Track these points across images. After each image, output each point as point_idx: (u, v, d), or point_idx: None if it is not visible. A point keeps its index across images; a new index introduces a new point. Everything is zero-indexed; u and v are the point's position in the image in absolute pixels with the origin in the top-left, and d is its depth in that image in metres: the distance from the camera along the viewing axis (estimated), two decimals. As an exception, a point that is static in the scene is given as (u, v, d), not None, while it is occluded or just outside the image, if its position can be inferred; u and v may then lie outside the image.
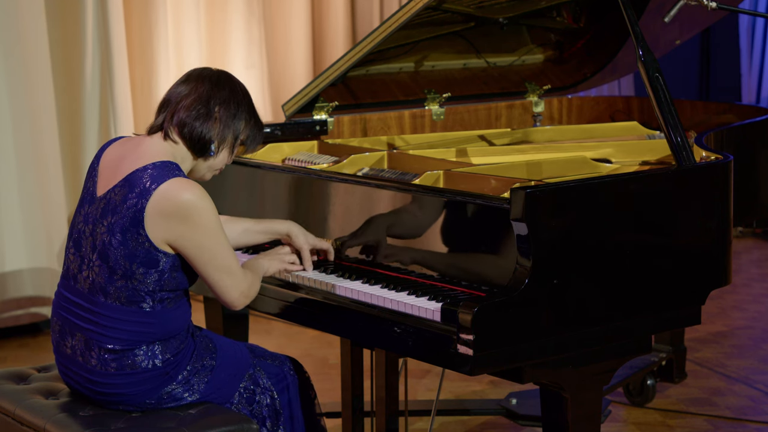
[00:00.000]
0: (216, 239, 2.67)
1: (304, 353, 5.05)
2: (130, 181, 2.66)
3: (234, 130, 2.78)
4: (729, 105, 4.48)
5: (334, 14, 6.68)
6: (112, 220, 2.66)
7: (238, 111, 2.78)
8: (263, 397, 2.87)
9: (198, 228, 2.64)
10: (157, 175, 2.64)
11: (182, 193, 2.62)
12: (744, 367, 4.81)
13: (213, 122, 2.74)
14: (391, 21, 3.54)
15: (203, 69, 2.82)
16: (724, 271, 2.96)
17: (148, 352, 2.70)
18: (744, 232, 7.36)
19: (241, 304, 2.77)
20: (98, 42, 5.41)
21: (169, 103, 2.76)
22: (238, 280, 2.74)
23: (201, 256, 2.67)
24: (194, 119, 2.72)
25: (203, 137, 2.74)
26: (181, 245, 2.66)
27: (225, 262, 2.70)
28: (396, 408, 3.30)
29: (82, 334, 2.72)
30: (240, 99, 2.79)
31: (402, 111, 4.08)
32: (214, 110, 2.74)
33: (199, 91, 2.74)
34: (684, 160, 2.94)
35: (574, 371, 2.73)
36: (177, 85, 2.79)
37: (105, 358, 2.69)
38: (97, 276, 2.69)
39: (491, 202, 2.72)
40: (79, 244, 2.75)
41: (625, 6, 3.03)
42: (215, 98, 2.74)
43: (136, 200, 2.63)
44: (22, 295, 5.34)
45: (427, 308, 2.63)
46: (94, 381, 2.72)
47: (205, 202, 2.64)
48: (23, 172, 5.23)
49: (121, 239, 2.64)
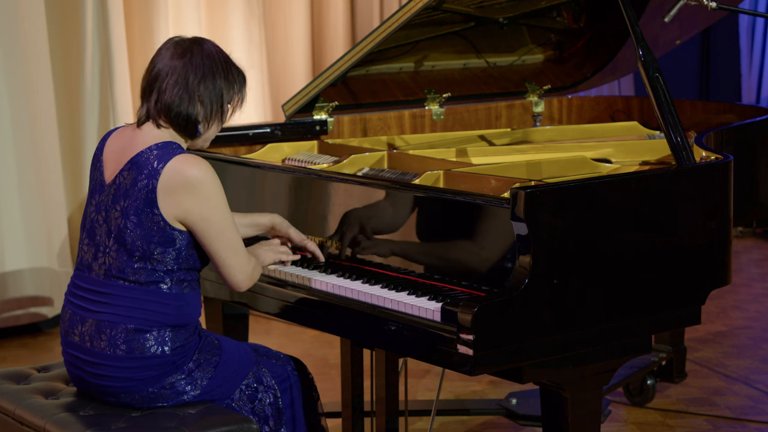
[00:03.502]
0: (223, 213, 2.71)
1: (304, 353, 5.05)
2: (137, 163, 2.70)
3: (218, 102, 2.78)
4: (729, 105, 4.48)
5: (334, 14, 6.68)
6: (125, 203, 2.70)
7: (216, 81, 2.76)
8: (266, 395, 2.88)
9: (205, 201, 2.68)
10: (162, 154, 2.69)
11: (189, 168, 2.67)
12: (744, 367, 4.81)
13: (196, 102, 2.75)
14: (391, 21, 3.54)
15: (174, 45, 2.78)
16: (724, 271, 2.96)
17: (159, 338, 2.72)
18: (744, 232, 7.36)
19: (245, 285, 2.80)
20: (98, 42, 5.41)
21: (149, 91, 2.76)
22: (243, 261, 2.77)
23: (209, 230, 2.70)
24: (177, 105, 2.74)
25: (190, 119, 2.76)
26: (190, 220, 2.70)
27: (232, 240, 2.74)
28: (396, 408, 3.30)
29: (94, 319, 2.73)
30: (216, 67, 2.77)
31: (402, 111, 4.09)
32: (194, 90, 2.74)
33: (176, 73, 2.73)
34: (684, 160, 2.94)
35: (574, 371, 2.73)
36: (152, 67, 2.77)
37: (115, 340, 2.70)
38: (115, 261, 2.72)
39: (491, 202, 2.72)
40: (93, 233, 2.77)
41: (625, 6, 3.03)
42: (192, 75, 2.73)
43: (147, 181, 2.67)
44: (22, 295, 5.34)
45: (427, 308, 2.64)
46: (101, 365, 2.73)
47: (211, 176, 2.70)
48: (23, 172, 5.23)
49: (136, 221, 2.68)
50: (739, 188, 3.19)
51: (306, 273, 2.98)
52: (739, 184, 3.09)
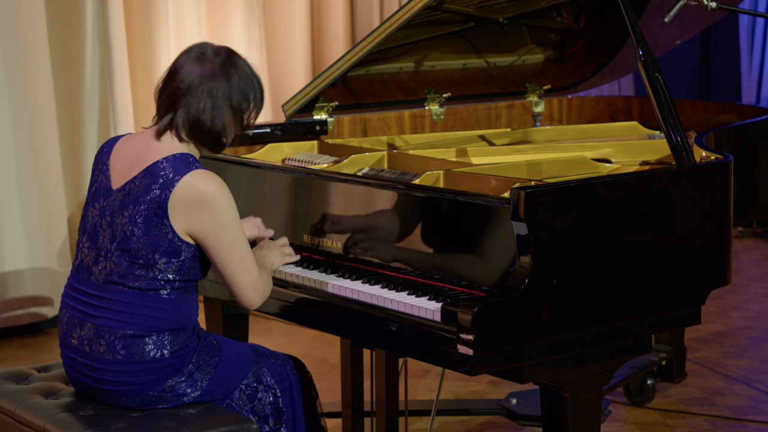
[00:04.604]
0: (234, 231, 2.70)
1: (304, 353, 5.05)
2: (152, 173, 2.69)
3: (241, 119, 2.78)
4: (729, 105, 4.48)
5: (334, 14, 6.68)
6: (134, 210, 2.69)
7: (244, 103, 2.76)
8: (266, 395, 2.88)
9: (217, 217, 2.67)
10: (178, 166, 2.68)
11: (204, 184, 2.67)
12: (744, 367, 4.81)
13: (223, 120, 2.74)
14: (391, 21, 3.54)
15: (202, 58, 2.75)
16: (724, 271, 2.96)
17: (158, 342, 2.71)
18: (744, 232, 7.36)
19: (256, 303, 2.78)
20: (98, 42, 5.41)
21: (176, 103, 2.72)
22: (254, 278, 2.75)
23: (220, 247, 2.70)
24: (210, 124, 2.72)
25: (219, 136, 2.75)
26: (201, 236, 2.69)
27: (243, 257, 2.72)
28: (396, 408, 3.30)
29: (93, 323, 2.73)
30: (247, 88, 2.76)
31: (402, 111, 4.08)
32: (223, 108, 2.73)
33: (207, 91, 2.71)
34: (684, 160, 2.94)
35: (574, 371, 2.73)
36: (179, 78, 2.73)
37: (114, 345, 2.70)
38: (116, 266, 2.71)
39: (491, 202, 2.72)
40: (95, 236, 2.76)
41: (625, 6, 3.03)
42: (222, 94, 2.72)
43: (160, 191, 2.67)
44: (22, 295, 5.34)
45: (427, 308, 2.64)
46: (101, 369, 2.73)
47: (225, 193, 2.69)
48: (23, 172, 5.23)
49: (144, 229, 2.68)
50: (739, 188, 3.19)
51: (306, 273, 2.98)
52: (739, 184, 3.09)
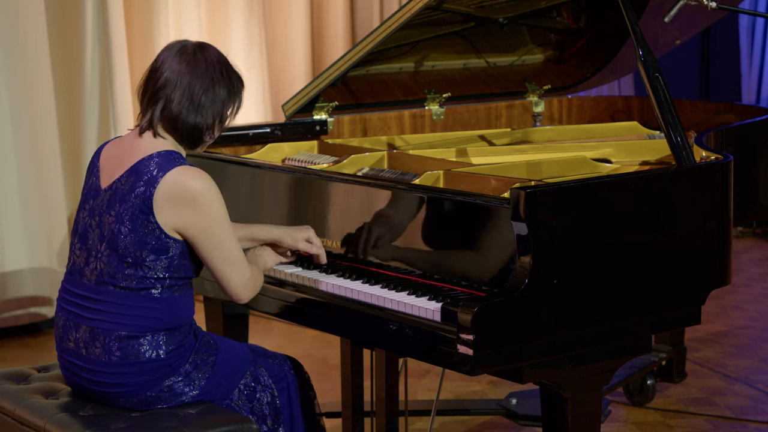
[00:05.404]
0: (222, 227, 2.70)
1: (304, 353, 5.05)
2: (137, 170, 2.69)
3: (219, 112, 2.76)
4: (729, 105, 4.48)
5: (334, 14, 6.68)
6: (120, 208, 2.69)
7: (218, 91, 2.74)
8: (264, 394, 2.88)
9: (205, 214, 2.67)
10: (163, 162, 2.68)
11: (190, 180, 2.66)
12: (744, 367, 4.81)
13: (200, 113, 2.73)
14: (391, 21, 3.54)
15: (179, 52, 2.74)
16: (724, 271, 2.96)
17: (153, 342, 2.71)
18: (744, 232, 7.36)
19: (246, 297, 2.79)
20: (98, 42, 5.41)
21: (155, 99, 2.72)
22: (243, 273, 2.75)
23: (207, 244, 2.70)
24: (185, 116, 2.72)
25: (195, 130, 2.74)
26: (189, 232, 2.69)
27: (231, 253, 2.72)
28: (396, 408, 3.30)
29: (88, 325, 2.73)
30: (218, 77, 2.74)
31: (402, 111, 4.09)
32: (199, 101, 2.72)
33: (183, 84, 2.70)
34: (684, 160, 2.94)
35: (574, 371, 2.73)
36: (157, 74, 2.73)
37: (110, 347, 2.70)
38: (106, 266, 2.71)
39: (491, 202, 2.72)
40: (86, 237, 2.77)
41: (625, 6, 3.03)
42: (197, 86, 2.71)
43: (144, 188, 2.66)
44: (22, 295, 5.34)
45: (427, 308, 2.64)
46: (97, 371, 2.73)
47: (213, 190, 2.68)
48: (23, 172, 5.23)
49: (130, 227, 2.67)
50: (739, 188, 3.19)
51: (306, 273, 2.98)
52: (739, 184, 3.09)
